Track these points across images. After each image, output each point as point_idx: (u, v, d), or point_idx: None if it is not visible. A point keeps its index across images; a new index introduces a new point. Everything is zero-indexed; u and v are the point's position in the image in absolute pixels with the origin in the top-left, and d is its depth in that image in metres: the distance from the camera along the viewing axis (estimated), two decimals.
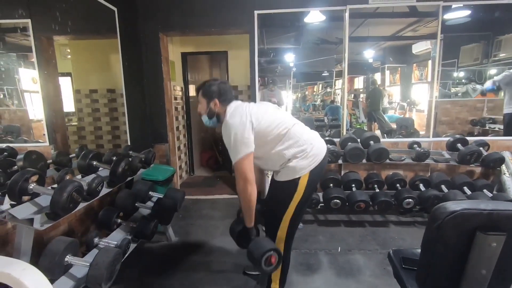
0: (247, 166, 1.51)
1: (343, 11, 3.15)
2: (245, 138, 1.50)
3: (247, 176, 1.51)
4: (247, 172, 1.51)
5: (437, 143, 3.28)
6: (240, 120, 1.52)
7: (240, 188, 1.55)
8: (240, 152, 1.50)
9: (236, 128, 1.50)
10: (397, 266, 1.36)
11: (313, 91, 7.30)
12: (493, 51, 4.86)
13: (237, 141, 1.50)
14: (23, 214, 1.35)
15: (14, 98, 2.16)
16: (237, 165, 1.52)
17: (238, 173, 1.53)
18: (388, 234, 2.72)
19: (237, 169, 1.53)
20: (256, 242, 1.55)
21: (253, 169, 1.55)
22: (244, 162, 1.51)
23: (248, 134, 1.50)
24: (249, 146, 1.51)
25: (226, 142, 1.55)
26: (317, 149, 1.63)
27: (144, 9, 3.28)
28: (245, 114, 1.54)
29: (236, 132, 1.50)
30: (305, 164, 1.58)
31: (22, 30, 2.01)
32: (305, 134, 1.64)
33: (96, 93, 2.89)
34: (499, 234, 0.93)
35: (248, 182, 1.51)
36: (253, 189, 1.54)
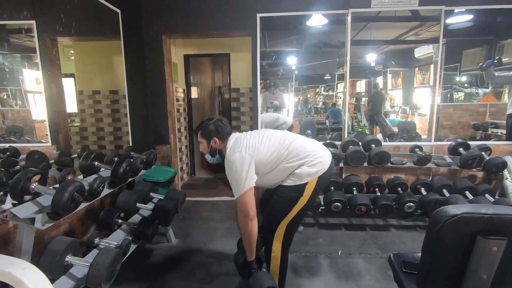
0: (248, 201, 1.55)
1: (345, 15, 3.16)
2: (246, 173, 1.54)
3: (248, 211, 1.55)
4: (248, 207, 1.54)
5: (438, 147, 3.27)
6: (240, 155, 1.56)
7: (241, 224, 1.59)
8: (242, 188, 1.53)
9: (236, 164, 1.55)
10: (398, 270, 1.35)
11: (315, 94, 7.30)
12: (495, 56, 4.85)
13: (238, 177, 1.54)
14: (24, 213, 1.36)
15: (17, 98, 2.17)
16: (239, 200, 1.56)
17: (239, 209, 1.57)
18: (389, 238, 2.71)
19: (238, 204, 1.57)
20: (256, 277, 1.58)
21: (254, 203, 1.58)
22: (246, 198, 1.54)
23: (248, 168, 1.54)
24: (250, 180, 1.54)
25: (229, 178, 1.60)
26: (322, 157, 1.65)
27: (148, 11, 3.31)
28: (244, 147, 1.59)
29: (237, 168, 1.54)
30: (313, 171, 1.60)
31: (26, 31, 2.02)
32: (309, 146, 1.66)
33: (99, 94, 2.91)
34: (500, 239, 0.92)
35: (249, 218, 1.55)
36: (254, 225, 1.57)
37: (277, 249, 1.69)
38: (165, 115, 3.51)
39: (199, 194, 3.94)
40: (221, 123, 1.74)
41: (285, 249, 1.72)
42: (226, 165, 1.62)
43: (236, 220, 1.66)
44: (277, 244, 1.69)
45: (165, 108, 3.50)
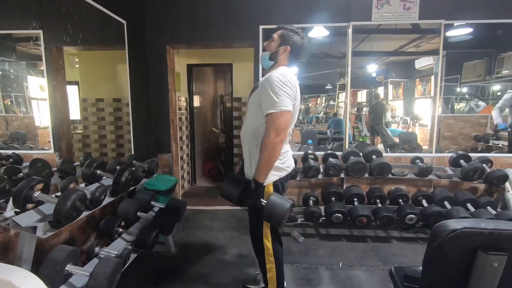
0: (287, 123, 1.47)
1: (347, 27, 3.21)
2: (291, 98, 1.46)
3: (282, 133, 1.44)
4: (285, 128, 1.45)
5: (439, 159, 3.27)
6: (294, 84, 1.50)
7: (270, 140, 1.45)
8: (285, 105, 1.43)
9: (290, 84, 1.47)
10: (399, 284, 1.34)
11: (316, 103, 7.34)
12: (495, 68, 4.89)
13: (285, 94, 1.44)
14: (26, 221, 1.37)
15: (21, 105, 2.19)
16: (276, 116, 1.43)
17: (273, 125, 1.44)
18: (390, 250, 2.69)
19: (273, 120, 1.44)
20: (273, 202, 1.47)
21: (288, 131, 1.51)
22: (285, 117, 1.44)
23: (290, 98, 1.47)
24: (291, 106, 1.46)
25: (271, 88, 1.45)
26: (290, 159, 1.68)
27: (152, 22, 3.37)
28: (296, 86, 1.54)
29: (289, 87, 1.46)
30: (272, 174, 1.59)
31: (33, 40, 2.06)
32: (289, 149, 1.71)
33: (102, 102, 2.93)
34: (501, 254, 0.92)
35: (281, 138, 1.45)
36: (281, 146, 1.49)
37: (268, 245, 1.69)
38: (167, 124, 3.54)
39: (200, 203, 3.93)
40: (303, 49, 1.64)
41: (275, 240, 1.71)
42: (274, 76, 1.47)
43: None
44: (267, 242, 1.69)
45: (168, 117, 3.53)
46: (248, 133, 1.63)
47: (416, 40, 4.70)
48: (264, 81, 1.52)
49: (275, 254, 1.70)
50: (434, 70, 3.61)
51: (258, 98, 1.54)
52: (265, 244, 1.69)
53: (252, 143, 1.60)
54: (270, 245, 1.69)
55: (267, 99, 1.47)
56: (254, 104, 1.58)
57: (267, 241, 1.69)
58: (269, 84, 1.47)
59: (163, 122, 3.53)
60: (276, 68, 1.59)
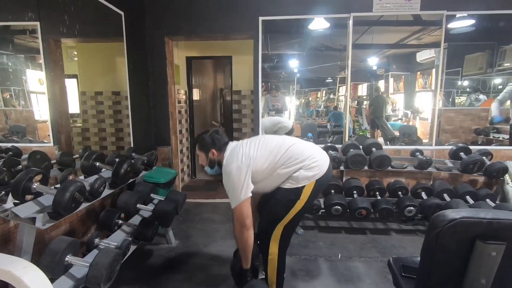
0: (245, 211, 1.56)
1: (347, 19, 3.18)
2: (242, 183, 1.54)
3: (245, 221, 1.56)
4: (244, 217, 1.56)
5: (439, 152, 3.27)
6: (236, 165, 1.57)
7: (237, 232, 1.60)
8: (238, 198, 1.54)
9: (233, 175, 1.56)
10: (397, 274, 1.35)
11: (316, 97, 7.31)
12: (497, 61, 4.84)
13: (234, 188, 1.55)
14: (25, 213, 1.37)
15: (20, 98, 2.18)
16: (235, 211, 1.57)
17: (235, 218, 1.58)
18: (389, 242, 2.70)
19: (235, 214, 1.58)
20: (251, 285, 1.59)
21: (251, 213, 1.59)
22: (242, 208, 1.55)
23: (244, 178, 1.55)
24: (246, 191, 1.55)
25: (226, 188, 1.61)
26: (320, 160, 1.65)
27: (151, 13, 3.33)
28: (240, 156, 1.60)
29: (233, 178, 1.55)
30: (310, 174, 1.60)
31: (31, 32, 2.04)
32: (306, 150, 1.66)
33: (101, 95, 2.92)
34: (499, 243, 0.92)
35: (245, 227, 1.57)
36: (250, 234, 1.59)
37: (273, 252, 1.69)
38: (167, 117, 3.53)
39: (200, 195, 3.94)
40: (217, 134, 1.75)
41: (282, 252, 1.72)
42: (223, 175, 1.63)
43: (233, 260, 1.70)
44: (274, 247, 1.69)
45: (167, 110, 3.51)
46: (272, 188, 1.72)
47: (418, 32, 4.65)
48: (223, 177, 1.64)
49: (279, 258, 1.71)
50: (435, 63, 3.57)
51: None
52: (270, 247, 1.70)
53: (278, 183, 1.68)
54: (276, 250, 1.69)
55: (228, 195, 1.60)
56: None
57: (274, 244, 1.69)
58: (224, 181, 1.61)
59: (163, 115, 3.52)
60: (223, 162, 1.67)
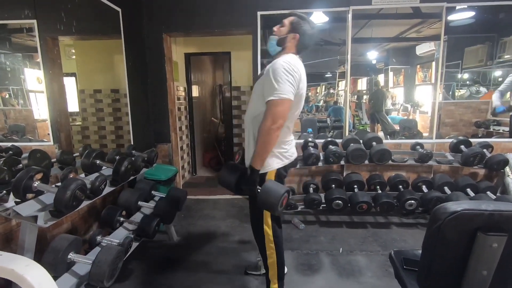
0: (286, 112, 1.45)
1: (346, 12, 3.15)
2: (294, 86, 1.45)
3: (279, 120, 1.43)
4: (283, 116, 1.44)
5: (440, 145, 3.26)
6: (300, 73, 1.49)
7: (267, 127, 1.44)
8: (286, 92, 1.42)
9: (294, 72, 1.45)
10: (398, 267, 1.36)
11: (316, 92, 7.29)
12: (497, 53, 4.82)
13: (287, 81, 1.42)
14: (27, 211, 1.37)
15: (19, 97, 2.18)
16: (275, 103, 1.42)
17: (271, 112, 1.43)
18: (390, 236, 2.71)
19: (271, 107, 1.43)
20: (268, 188, 1.46)
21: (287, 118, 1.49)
22: (285, 105, 1.43)
23: (293, 84, 1.45)
24: (291, 94, 1.44)
25: (273, 74, 1.44)
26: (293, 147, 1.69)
27: (148, 10, 3.31)
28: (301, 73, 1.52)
29: (293, 74, 1.44)
30: (275, 161, 1.60)
31: (28, 30, 2.03)
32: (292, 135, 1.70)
33: (100, 93, 2.91)
34: (501, 235, 0.92)
35: (277, 126, 1.43)
36: (277, 135, 1.47)
37: (269, 234, 1.70)
38: (166, 114, 3.52)
39: (201, 192, 3.95)
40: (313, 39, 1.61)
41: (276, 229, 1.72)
42: (279, 62, 1.46)
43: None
44: (268, 229, 1.70)
45: (166, 107, 3.50)
46: (250, 118, 1.63)
47: (417, 25, 4.62)
48: (268, 68, 1.51)
49: (275, 240, 1.72)
50: (435, 56, 3.55)
51: (261, 84, 1.54)
52: (265, 230, 1.70)
53: (254, 128, 1.59)
54: (270, 232, 1.70)
55: (268, 86, 1.46)
56: (258, 91, 1.57)
57: (267, 227, 1.70)
58: (272, 71, 1.45)
59: (162, 112, 3.51)
60: (283, 55, 1.57)
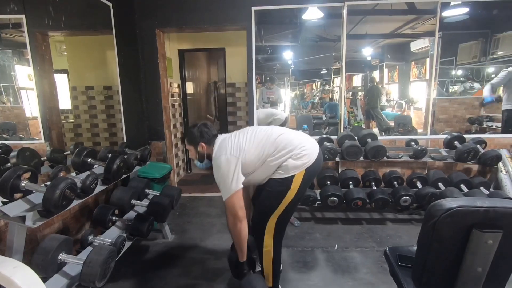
0: (236, 203, 1.55)
1: (341, 8, 3.13)
2: (232, 175, 1.54)
3: (237, 213, 1.55)
4: (236, 209, 1.55)
5: (434, 141, 3.28)
6: (225, 157, 1.56)
7: (231, 225, 1.60)
8: (229, 190, 1.54)
9: (223, 167, 1.55)
10: (393, 264, 1.35)
11: (311, 88, 7.28)
12: (491, 49, 4.85)
13: (225, 180, 1.54)
14: (15, 211, 1.34)
15: (10, 95, 2.13)
16: (227, 203, 1.57)
17: (228, 211, 1.58)
18: (385, 232, 2.72)
19: (227, 207, 1.58)
20: (248, 280, 1.59)
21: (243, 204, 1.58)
22: (234, 200, 1.54)
23: (234, 170, 1.54)
24: (237, 183, 1.54)
25: (217, 181, 1.60)
26: (309, 149, 1.63)
27: (140, 4, 3.24)
28: (229, 149, 1.58)
29: (223, 170, 1.54)
30: (299, 163, 1.59)
31: (16, 26, 1.98)
32: (295, 139, 1.64)
33: (92, 90, 2.86)
34: (495, 232, 0.92)
35: (238, 219, 1.56)
36: (243, 225, 1.58)
37: (269, 244, 1.69)
38: (160, 111, 3.47)
39: (196, 190, 3.93)
40: (206, 127, 1.75)
41: (277, 243, 1.71)
42: (213, 168, 1.63)
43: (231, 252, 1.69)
44: (268, 239, 1.68)
45: (160, 104, 3.46)
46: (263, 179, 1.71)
47: (412, 21, 4.63)
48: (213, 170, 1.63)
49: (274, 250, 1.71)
50: (429, 52, 3.55)
51: None
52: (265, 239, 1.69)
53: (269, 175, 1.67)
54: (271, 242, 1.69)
55: (219, 188, 1.60)
56: None
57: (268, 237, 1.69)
58: (214, 173, 1.60)
59: (156, 109, 3.46)
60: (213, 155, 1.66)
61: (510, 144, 3.16)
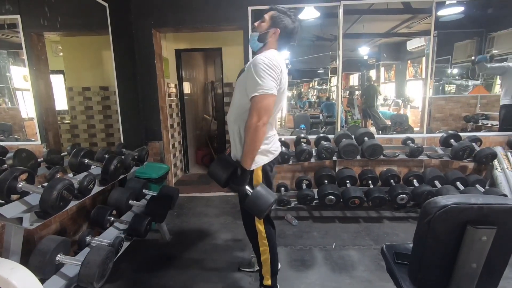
0: (270, 107, 1.41)
1: (337, 7, 3.14)
2: (277, 81, 1.43)
3: (264, 116, 1.40)
4: (268, 112, 1.41)
5: (430, 139, 3.30)
6: (281, 68, 1.46)
7: (252, 124, 1.41)
8: (269, 88, 1.39)
9: (276, 67, 1.42)
10: (390, 261, 1.36)
11: (308, 88, 7.30)
12: (486, 48, 4.89)
13: (270, 77, 1.40)
14: (12, 213, 1.33)
15: (6, 96, 2.12)
16: (259, 99, 1.39)
17: (256, 108, 1.40)
18: (382, 230, 2.74)
19: (256, 103, 1.40)
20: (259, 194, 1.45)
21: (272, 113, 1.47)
22: (269, 101, 1.40)
23: (279, 80, 1.44)
24: (276, 89, 1.42)
25: (256, 69, 1.41)
26: (276, 147, 1.67)
27: (137, 4, 3.24)
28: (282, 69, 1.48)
29: (275, 70, 1.42)
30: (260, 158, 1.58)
31: (11, 26, 1.97)
32: None
33: (88, 90, 2.85)
34: (490, 228, 0.93)
35: (262, 121, 1.40)
36: (264, 130, 1.43)
37: (261, 230, 1.70)
38: (157, 111, 3.47)
39: (193, 190, 3.92)
40: (294, 35, 1.59)
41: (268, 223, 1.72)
42: (260, 58, 1.43)
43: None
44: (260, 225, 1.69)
45: (157, 104, 3.45)
46: (235, 116, 1.60)
47: (408, 20, 4.66)
48: (250, 64, 1.49)
49: (268, 237, 1.71)
50: (425, 51, 3.57)
51: (244, 81, 1.52)
52: (257, 227, 1.69)
53: (240, 125, 1.57)
54: (262, 229, 1.69)
55: (251, 82, 1.43)
56: (241, 87, 1.55)
57: (259, 224, 1.69)
58: (254, 66, 1.43)
59: (153, 109, 3.45)
60: (264, 51, 1.55)
61: (505, 141, 3.19)
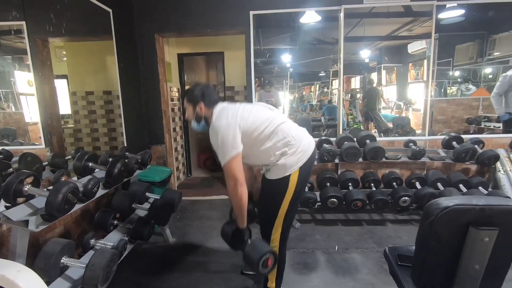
0: (236, 167, 1.51)
1: (338, 11, 3.17)
2: (232, 139, 1.50)
3: (237, 177, 1.51)
4: (236, 173, 1.51)
5: (432, 142, 3.30)
6: (226, 121, 1.52)
7: (231, 190, 1.55)
8: (228, 154, 1.50)
9: (222, 130, 1.51)
10: (393, 263, 1.37)
11: (310, 91, 7.32)
12: (487, 50, 4.90)
13: (224, 143, 1.50)
14: (18, 215, 1.35)
15: (10, 101, 2.15)
16: (226, 167, 1.52)
17: (227, 175, 1.54)
18: (385, 233, 2.73)
19: (226, 171, 1.53)
20: (253, 245, 1.56)
21: (243, 169, 1.54)
22: (233, 164, 1.51)
23: (234, 135, 1.51)
24: (236, 147, 1.51)
25: (214, 144, 1.55)
26: (305, 145, 1.65)
27: (140, 10, 3.28)
28: (231, 115, 1.55)
29: (223, 134, 1.50)
30: (294, 161, 1.60)
31: (17, 32, 2.00)
32: (293, 130, 1.65)
33: (92, 95, 2.88)
34: (492, 229, 0.94)
35: (238, 183, 1.52)
36: (244, 190, 1.54)
37: (275, 245, 1.70)
38: (160, 115, 3.49)
39: (196, 193, 3.93)
40: (208, 89, 1.68)
41: (283, 243, 1.73)
42: (211, 132, 1.57)
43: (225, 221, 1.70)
44: (275, 242, 1.70)
45: (160, 108, 3.48)
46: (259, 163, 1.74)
47: (409, 24, 4.67)
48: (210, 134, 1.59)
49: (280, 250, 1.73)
50: (427, 53, 3.58)
51: None
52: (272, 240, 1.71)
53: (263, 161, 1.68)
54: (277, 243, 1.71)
55: (216, 151, 1.55)
56: None
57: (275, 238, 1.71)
58: (211, 138, 1.56)
59: (155, 113, 3.48)
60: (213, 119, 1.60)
61: (508, 143, 3.18)
